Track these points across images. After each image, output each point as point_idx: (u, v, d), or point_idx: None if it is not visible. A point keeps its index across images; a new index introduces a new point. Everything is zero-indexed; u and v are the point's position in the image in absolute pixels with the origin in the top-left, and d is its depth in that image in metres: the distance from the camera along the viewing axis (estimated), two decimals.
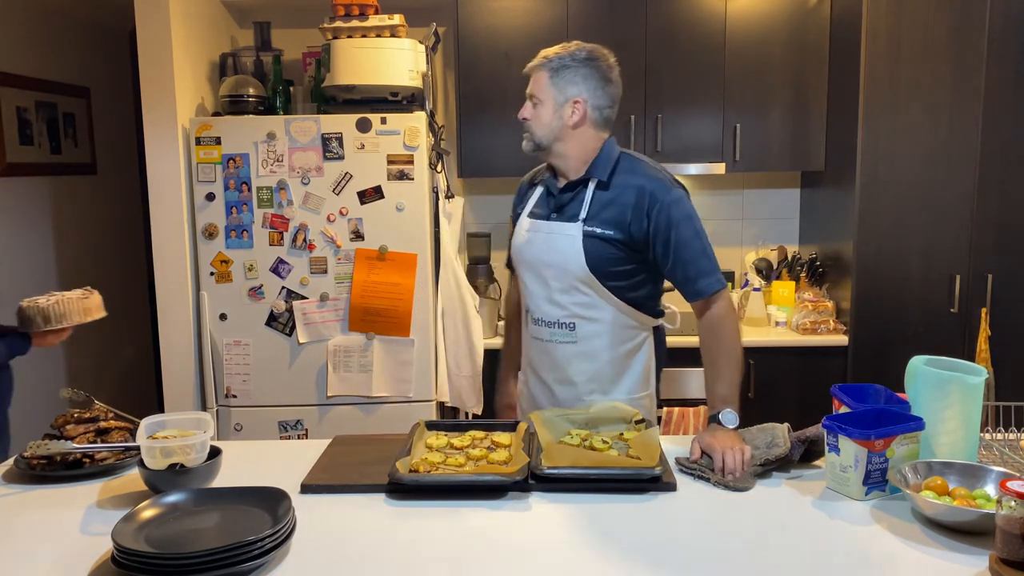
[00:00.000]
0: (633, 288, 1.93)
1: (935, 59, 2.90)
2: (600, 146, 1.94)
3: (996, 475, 1.42)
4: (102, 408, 1.80)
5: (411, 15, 3.22)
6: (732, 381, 1.82)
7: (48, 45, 3.85)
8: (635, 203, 1.86)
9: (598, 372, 1.95)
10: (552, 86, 1.89)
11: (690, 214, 1.87)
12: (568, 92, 1.88)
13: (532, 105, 1.94)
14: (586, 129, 1.91)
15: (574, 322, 1.93)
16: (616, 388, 1.97)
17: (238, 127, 3.00)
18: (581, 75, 1.88)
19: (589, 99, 1.89)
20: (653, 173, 1.90)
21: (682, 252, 1.85)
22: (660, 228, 1.85)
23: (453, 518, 1.43)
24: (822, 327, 3.21)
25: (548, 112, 1.90)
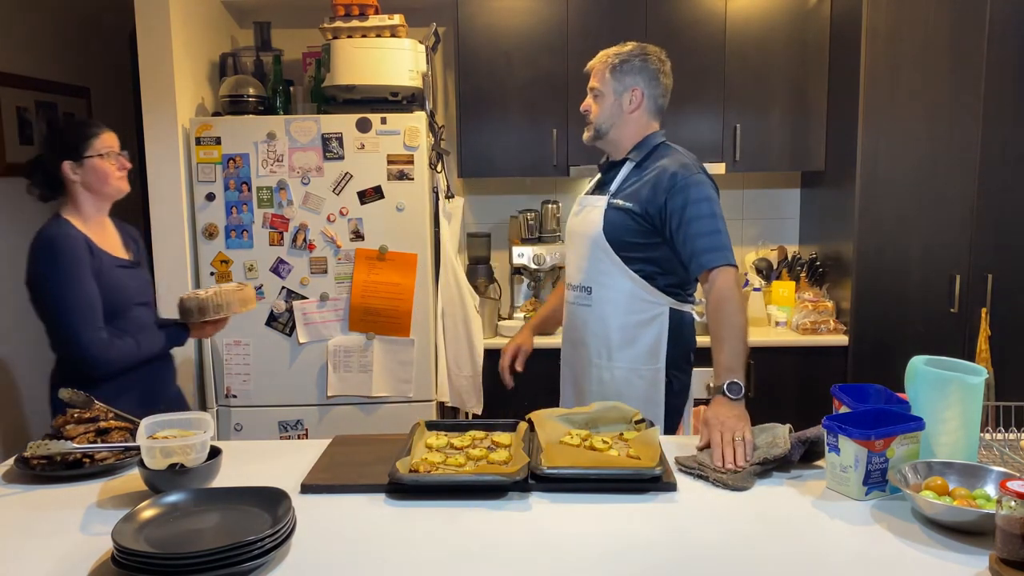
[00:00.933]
0: (646, 262, 2.07)
1: (935, 59, 2.90)
2: (647, 134, 2.14)
3: (996, 475, 1.42)
4: (102, 408, 1.80)
5: (411, 15, 3.22)
6: (735, 351, 1.88)
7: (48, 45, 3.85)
8: (656, 180, 2.04)
9: (607, 337, 2.12)
10: (613, 78, 2.11)
11: (708, 196, 2.00)
12: (627, 82, 2.11)
13: (593, 98, 2.15)
14: (641, 115, 2.13)
15: (591, 287, 2.13)
16: (622, 355, 2.11)
17: (238, 127, 3.00)
18: (638, 67, 2.11)
19: (646, 88, 2.11)
20: (681, 158, 2.07)
21: (692, 227, 1.98)
22: (676, 206, 2.00)
23: (453, 518, 1.43)
24: (822, 327, 3.21)
25: (609, 101, 2.12)
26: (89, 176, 2.12)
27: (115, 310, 2.10)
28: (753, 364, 3.14)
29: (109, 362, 2.05)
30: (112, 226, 2.26)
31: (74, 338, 2.01)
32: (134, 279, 2.19)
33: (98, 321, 2.04)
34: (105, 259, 2.12)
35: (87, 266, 2.04)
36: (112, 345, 2.05)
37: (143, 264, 2.30)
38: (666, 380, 2.10)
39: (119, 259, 2.17)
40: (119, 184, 2.18)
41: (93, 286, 2.04)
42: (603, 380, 2.14)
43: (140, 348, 2.11)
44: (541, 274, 3.55)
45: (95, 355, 2.02)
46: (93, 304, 2.03)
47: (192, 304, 2.16)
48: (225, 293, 2.19)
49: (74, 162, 2.11)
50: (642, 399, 2.08)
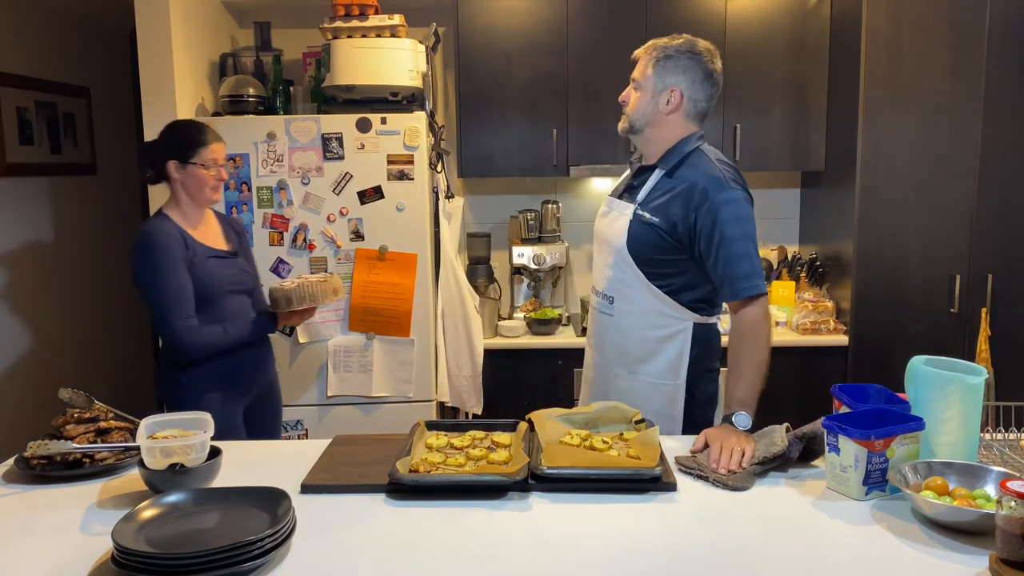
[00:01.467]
0: (670, 277, 1.97)
1: (935, 59, 2.90)
2: (683, 138, 2.00)
3: (996, 475, 1.42)
4: (102, 408, 1.80)
5: (411, 15, 3.22)
6: (752, 385, 1.83)
7: (48, 45, 3.86)
8: (685, 197, 1.92)
9: (626, 349, 2.05)
10: (654, 73, 1.97)
11: (740, 216, 1.90)
12: (667, 80, 1.96)
13: (633, 89, 2.02)
14: (678, 118, 1.99)
15: (613, 296, 2.05)
16: (642, 370, 2.03)
17: (238, 127, 3.00)
18: (682, 66, 1.95)
19: (686, 90, 1.96)
20: (712, 170, 1.94)
21: (724, 251, 1.88)
22: (706, 225, 1.89)
23: (453, 518, 1.43)
24: (822, 327, 3.21)
25: (646, 97, 1.98)
26: (188, 180, 2.25)
27: (208, 298, 2.22)
28: None
29: (197, 347, 2.18)
30: (214, 218, 2.39)
31: (167, 326, 2.16)
32: (228, 268, 2.30)
33: (188, 309, 2.17)
34: (199, 250, 2.24)
35: (180, 258, 2.17)
36: (200, 332, 2.18)
37: (242, 254, 2.41)
38: (689, 392, 2.03)
39: (215, 250, 2.29)
40: (212, 196, 2.30)
41: (185, 277, 2.17)
42: (621, 390, 2.06)
43: (227, 334, 2.22)
44: (541, 274, 3.55)
45: (184, 341, 2.16)
46: (184, 294, 2.16)
47: (279, 295, 2.27)
48: (310, 284, 2.29)
49: (179, 163, 2.24)
50: (661, 413, 2.01)
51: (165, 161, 2.25)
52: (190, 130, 2.27)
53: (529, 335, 3.35)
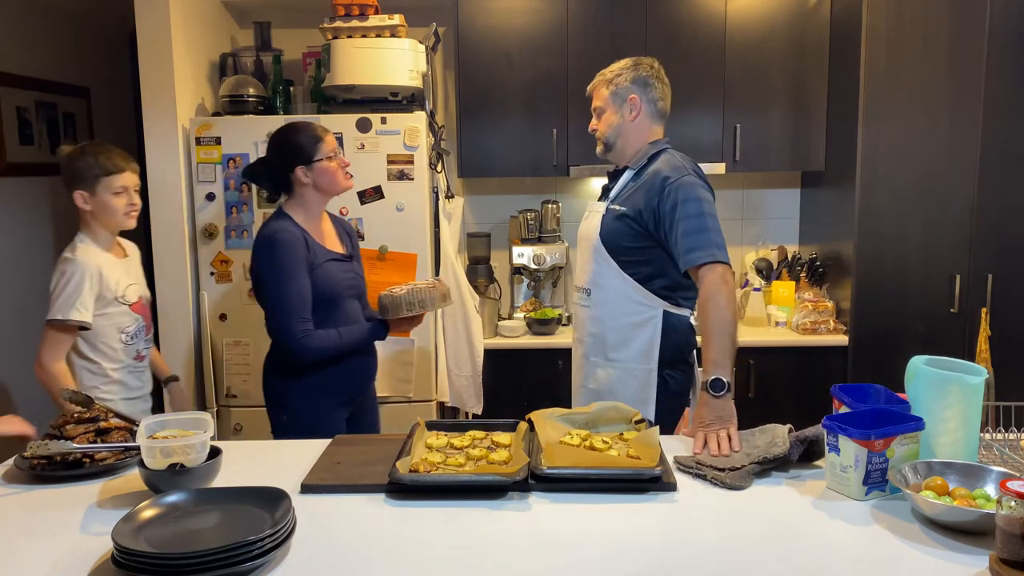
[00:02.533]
0: (641, 265, 2.12)
1: (935, 59, 2.90)
2: (650, 140, 2.20)
3: (996, 475, 1.42)
4: (102, 408, 1.80)
5: (411, 15, 3.22)
6: (722, 347, 1.90)
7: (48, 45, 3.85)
8: (650, 186, 2.09)
9: (603, 336, 2.18)
10: (611, 94, 2.19)
11: (696, 196, 2.03)
12: (623, 93, 2.18)
13: (597, 116, 2.24)
14: (642, 120, 2.19)
15: (590, 288, 2.20)
16: (616, 357, 2.17)
17: (238, 127, 3.00)
18: (631, 78, 2.18)
19: (642, 94, 2.17)
20: (674, 162, 2.11)
21: (680, 226, 2.01)
22: (667, 207, 2.04)
23: (453, 518, 1.43)
24: (822, 327, 3.21)
25: (611, 114, 2.20)
26: (319, 178, 2.23)
27: (327, 301, 2.21)
28: (753, 364, 3.14)
29: (310, 351, 2.15)
30: (328, 220, 2.38)
31: (283, 327, 2.14)
32: (345, 272, 2.29)
33: (305, 313, 2.15)
34: (319, 253, 2.22)
35: (302, 260, 2.16)
36: (315, 336, 2.15)
37: (356, 258, 2.40)
38: (661, 380, 2.14)
39: (333, 252, 2.28)
40: (345, 182, 2.30)
41: (305, 280, 2.15)
42: (598, 378, 2.20)
43: (342, 339, 2.20)
44: (541, 274, 3.55)
45: (298, 344, 2.14)
46: (303, 297, 2.14)
47: (388, 301, 2.24)
48: (419, 290, 2.26)
49: (306, 166, 2.22)
50: (635, 398, 2.11)
51: (291, 170, 2.21)
52: (301, 132, 2.25)
53: (529, 335, 3.35)
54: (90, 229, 2.27)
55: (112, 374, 2.27)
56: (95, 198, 2.22)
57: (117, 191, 2.23)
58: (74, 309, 2.15)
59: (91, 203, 2.23)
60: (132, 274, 2.33)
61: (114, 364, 2.27)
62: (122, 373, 2.29)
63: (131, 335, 2.29)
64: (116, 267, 2.27)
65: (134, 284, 2.31)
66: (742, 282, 3.63)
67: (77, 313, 2.15)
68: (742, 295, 3.50)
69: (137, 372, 2.33)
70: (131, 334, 2.29)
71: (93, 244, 2.25)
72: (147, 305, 2.37)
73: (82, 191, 2.22)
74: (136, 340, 2.31)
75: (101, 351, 2.25)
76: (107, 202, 2.22)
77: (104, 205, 2.23)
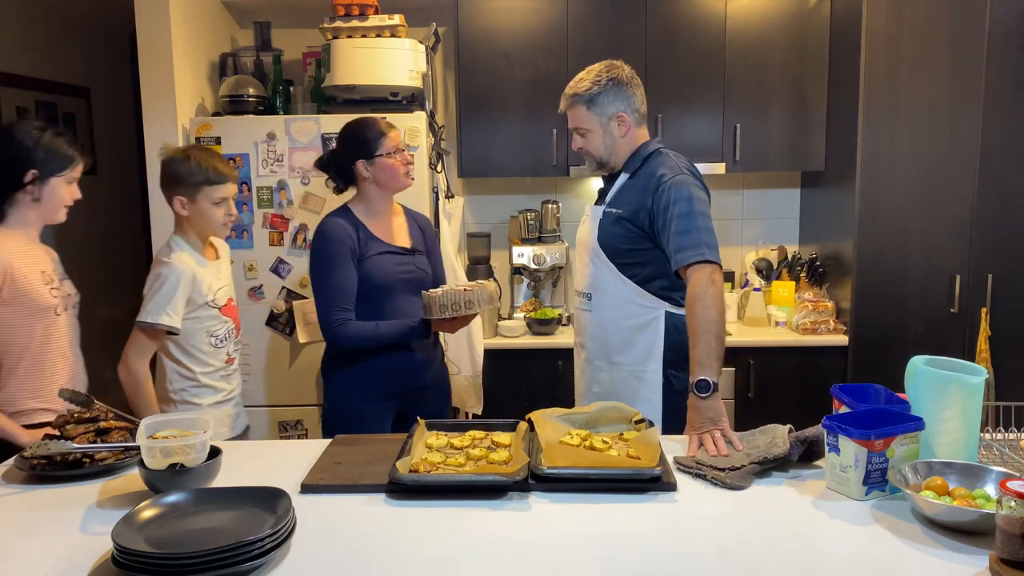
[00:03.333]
0: (639, 267, 2.10)
1: (935, 59, 2.90)
2: (640, 143, 2.16)
3: (996, 475, 1.42)
4: (102, 408, 1.80)
5: (411, 15, 3.22)
6: (707, 345, 1.89)
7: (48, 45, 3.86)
8: (644, 186, 2.08)
9: (605, 340, 2.17)
10: (592, 115, 2.12)
11: (689, 195, 2.01)
12: (608, 111, 2.11)
13: (581, 136, 2.17)
14: (631, 133, 2.15)
15: (591, 292, 2.19)
16: (620, 360, 2.15)
17: (238, 127, 3.00)
18: (612, 93, 2.10)
19: (626, 108, 2.12)
20: (668, 163, 2.09)
21: (671, 226, 2.00)
22: (660, 207, 2.03)
23: (453, 518, 1.43)
24: (822, 327, 3.21)
25: (598, 136, 2.14)
26: (379, 173, 2.28)
27: (376, 292, 2.26)
28: (753, 364, 3.14)
29: (344, 339, 2.23)
30: (401, 214, 2.43)
31: (322, 316, 2.23)
32: (401, 264, 2.32)
33: (343, 303, 2.21)
34: (372, 244, 2.28)
35: (346, 252, 2.23)
36: (350, 325, 2.21)
37: (425, 252, 2.42)
38: (665, 380, 2.12)
39: (390, 245, 2.32)
40: (405, 180, 2.32)
41: (347, 271, 2.22)
42: (602, 381, 2.19)
43: (378, 331, 2.23)
44: (541, 274, 3.55)
45: (333, 332, 2.22)
46: (343, 287, 2.22)
47: (425, 300, 2.22)
48: (454, 293, 2.22)
49: (366, 160, 2.27)
50: (640, 399, 2.10)
51: (353, 164, 2.28)
52: (365, 127, 2.29)
53: (529, 335, 3.35)
54: (184, 233, 2.25)
55: (201, 378, 2.25)
56: (194, 205, 2.19)
57: (217, 201, 2.20)
58: (164, 314, 2.14)
59: (189, 209, 2.20)
60: (223, 276, 2.32)
61: (204, 367, 2.25)
62: (211, 377, 2.27)
63: (220, 338, 2.28)
64: (208, 270, 2.26)
65: (224, 287, 2.30)
66: (742, 282, 3.63)
67: (167, 318, 2.14)
68: (742, 295, 3.50)
69: (227, 376, 2.32)
70: (220, 337, 2.28)
71: (187, 248, 2.23)
72: (236, 307, 2.37)
73: (181, 196, 2.19)
74: (226, 343, 2.30)
75: (191, 354, 2.23)
76: (205, 211, 2.19)
77: (202, 213, 2.20)
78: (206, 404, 2.26)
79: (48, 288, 2.04)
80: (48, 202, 2.06)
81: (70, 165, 2.06)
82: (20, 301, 1.99)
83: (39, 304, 2.02)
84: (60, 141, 2.05)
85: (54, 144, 2.04)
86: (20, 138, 2.02)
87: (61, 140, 2.06)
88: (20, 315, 2.00)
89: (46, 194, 2.04)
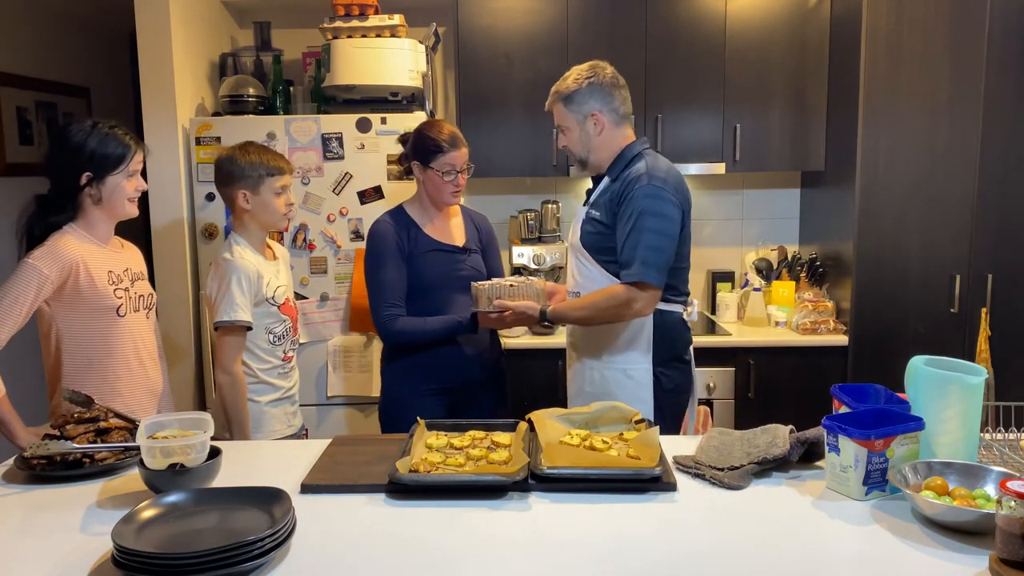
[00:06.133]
0: None
1: (935, 59, 2.90)
2: (624, 144, 2.17)
3: (996, 475, 1.42)
4: (102, 408, 1.80)
5: (411, 15, 3.22)
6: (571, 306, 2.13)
7: (48, 45, 3.86)
8: (618, 192, 2.10)
9: (596, 339, 2.19)
10: (569, 112, 2.16)
11: (647, 210, 2.03)
12: (583, 110, 2.14)
13: (562, 133, 2.21)
14: (608, 132, 2.16)
15: (579, 292, 2.20)
16: (610, 359, 2.18)
17: (238, 127, 3.00)
18: (588, 93, 2.14)
19: (602, 107, 2.14)
20: (644, 169, 2.09)
21: (631, 238, 2.04)
22: (625, 213, 2.07)
23: (453, 518, 1.43)
24: (822, 327, 3.21)
25: (575, 133, 2.18)
26: (427, 182, 2.34)
27: (425, 289, 2.32)
28: (753, 364, 3.14)
29: (392, 333, 2.29)
30: (458, 213, 2.47)
31: (373, 311, 2.31)
32: (452, 263, 2.36)
33: (393, 298, 2.28)
34: (422, 243, 2.33)
35: (393, 250, 2.30)
36: (397, 320, 2.28)
37: (480, 251, 2.45)
38: (656, 380, 2.15)
39: (441, 244, 2.36)
40: (448, 200, 2.35)
41: (394, 268, 2.29)
42: (594, 380, 2.20)
43: (425, 326, 2.29)
44: (541, 274, 3.55)
45: (382, 326, 2.30)
46: (392, 284, 2.28)
47: (474, 292, 2.24)
48: (500, 288, 2.22)
49: (422, 166, 2.32)
50: (632, 397, 2.12)
51: (411, 161, 2.34)
52: (432, 135, 2.30)
53: (529, 335, 3.35)
54: (245, 230, 2.30)
55: (260, 374, 2.28)
56: (257, 197, 2.25)
57: (278, 191, 2.26)
58: (239, 309, 2.17)
59: (252, 202, 2.25)
60: (281, 276, 2.35)
61: (262, 364, 2.28)
62: (270, 374, 2.30)
63: (278, 336, 2.30)
64: (267, 269, 2.29)
65: (282, 286, 2.33)
66: (742, 282, 3.63)
67: (242, 313, 2.18)
68: (742, 295, 3.50)
69: (284, 373, 2.34)
70: (278, 335, 2.30)
71: (248, 246, 2.28)
72: (294, 307, 2.40)
73: (245, 190, 2.24)
74: (283, 341, 2.32)
75: (249, 350, 2.26)
76: (268, 202, 2.26)
77: (265, 205, 2.26)
78: (264, 401, 2.29)
79: (114, 289, 2.04)
80: (110, 200, 2.04)
81: (124, 160, 2.04)
82: (81, 300, 1.99)
83: (101, 304, 2.02)
84: (110, 138, 2.04)
85: (102, 144, 2.02)
86: (71, 140, 2.03)
87: (111, 137, 2.04)
88: (81, 315, 2.01)
89: (106, 193, 2.03)
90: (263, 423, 2.28)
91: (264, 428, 2.28)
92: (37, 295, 1.93)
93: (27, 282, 1.91)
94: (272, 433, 2.29)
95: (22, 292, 1.91)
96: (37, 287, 1.92)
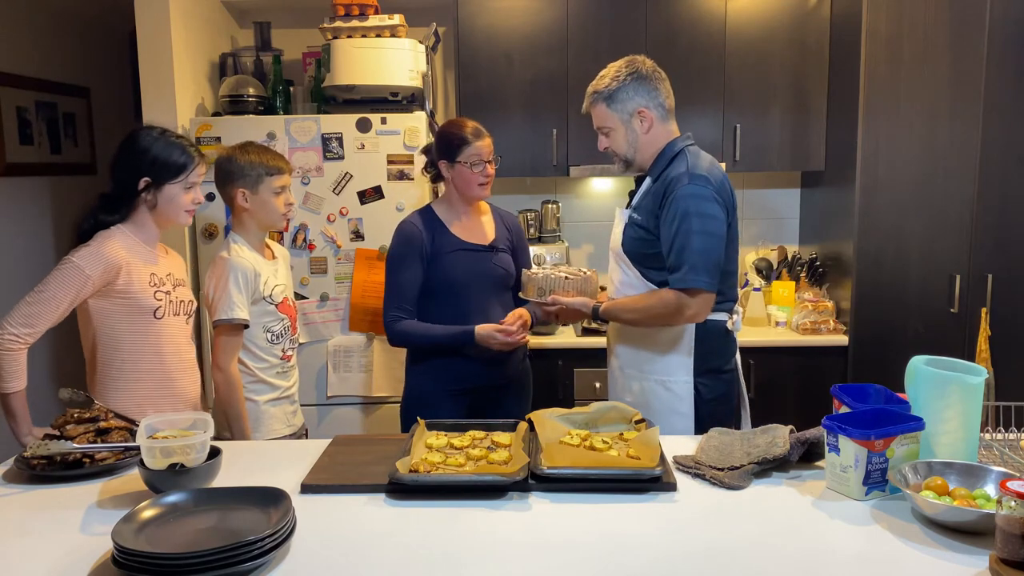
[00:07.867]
0: (664, 272, 2.03)
1: (935, 59, 2.90)
2: (668, 142, 2.08)
3: (996, 475, 1.42)
4: (102, 408, 1.80)
5: (411, 15, 3.22)
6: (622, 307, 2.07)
7: (48, 45, 3.86)
8: (661, 194, 2.02)
9: (636, 348, 2.13)
10: (612, 112, 2.07)
11: (692, 211, 1.94)
12: (629, 107, 2.05)
13: (605, 135, 2.12)
14: (656, 128, 2.07)
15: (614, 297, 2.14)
16: (650, 369, 2.11)
17: (238, 127, 3.00)
18: (632, 89, 2.04)
19: (648, 103, 2.05)
20: (686, 167, 2.00)
21: (678, 241, 1.96)
22: (669, 216, 1.98)
23: (453, 518, 1.43)
24: (822, 327, 3.21)
25: (621, 133, 2.08)
26: (457, 178, 2.33)
27: (447, 288, 2.31)
28: (753, 364, 3.14)
29: (394, 335, 2.32)
30: (488, 212, 2.46)
31: (383, 310, 2.34)
32: (478, 262, 2.35)
33: (401, 301, 2.30)
34: (448, 242, 2.32)
35: (414, 252, 2.31)
36: (401, 323, 2.30)
37: (509, 250, 2.43)
38: (696, 390, 2.07)
39: (467, 243, 2.35)
40: (479, 192, 2.34)
41: (411, 271, 2.30)
42: (633, 391, 2.14)
43: (429, 332, 2.29)
44: None
45: (387, 328, 2.32)
46: (403, 287, 2.30)
47: (525, 279, 2.24)
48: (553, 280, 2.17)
49: (448, 163, 2.32)
50: (671, 411, 2.06)
51: (438, 161, 2.35)
52: (454, 130, 2.32)
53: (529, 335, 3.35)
54: (244, 230, 2.30)
55: (258, 373, 2.28)
56: (256, 196, 2.25)
57: (277, 191, 2.27)
58: (236, 307, 2.18)
59: (251, 202, 2.26)
60: (280, 275, 2.35)
61: (259, 363, 2.28)
62: (268, 373, 2.30)
63: (276, 334, 2.30)
64: (265, 267, 2.29)
65: (280, 285, 2.33)
66: (742, 282, 3.63)
67: (240, 311, 2.19)
68: (742, 295, 3.50)
69: (283, 372, 2.34)
70: (276, 333, 2.30)
71: (245, 244, 2.28)
72: (293, 306, 2.39)
73: (244, 189, 2.25)
74: (282, 340, 2.32)
75: (247, 349, 2.27)
76: (267, 201, 2.26)
77: (264, 204, 2.26)
78: (262, 401, 2.29)
79: (154, 291, 2.06)
80: (164, 208, 2.07)
81: (184, 170, 2.06)
82: (120, 300, 2.02)
83: (139, 304, 2.03)
84: (173, 148, 2.06)
85: (166, 152, 2.04)
86: (137, 144, 2.05)
87: (174, 147, 2.06)
88: (119, 315, 2.03)
89: (162, 200, 2.06)
90: (262, 422, 2.28)
91: (263, 427, 2.28)
92: (77, 294, 1.97)
93: (69, 281, 1.95)
94: (272, 432, 2.29)
95: (60, 289, 1.95)
96: (78, 287, 1.96)
